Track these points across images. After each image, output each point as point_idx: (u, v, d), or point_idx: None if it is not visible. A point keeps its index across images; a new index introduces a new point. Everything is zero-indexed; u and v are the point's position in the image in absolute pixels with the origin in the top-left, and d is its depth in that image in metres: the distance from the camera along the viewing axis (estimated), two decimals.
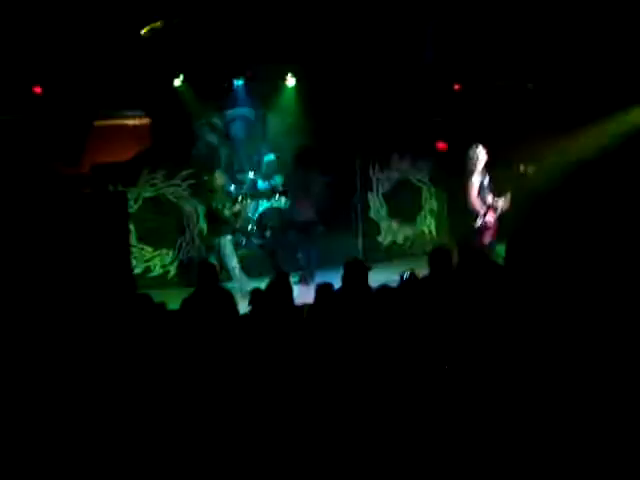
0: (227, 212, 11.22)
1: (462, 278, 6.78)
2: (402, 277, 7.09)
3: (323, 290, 6.52)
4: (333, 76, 12.85)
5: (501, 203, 10.15)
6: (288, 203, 12.78)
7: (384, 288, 6.64)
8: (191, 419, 4.74)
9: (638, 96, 10.80)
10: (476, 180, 10.12)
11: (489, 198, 10.13)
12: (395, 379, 4.90)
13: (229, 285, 10.69)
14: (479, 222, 10.10)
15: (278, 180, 13.28)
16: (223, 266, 10.97)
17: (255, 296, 6.60)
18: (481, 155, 10.14)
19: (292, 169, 12.95)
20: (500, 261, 7.78)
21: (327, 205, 12.89)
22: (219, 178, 11.46)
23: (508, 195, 10.15)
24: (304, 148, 13.24)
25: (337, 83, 13.00)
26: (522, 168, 10.25)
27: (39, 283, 7.73)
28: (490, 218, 10.11)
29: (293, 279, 11.02)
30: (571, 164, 11.13)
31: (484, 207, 10.08)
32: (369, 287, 7.05)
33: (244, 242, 13.08)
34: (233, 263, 11.09)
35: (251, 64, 12.61)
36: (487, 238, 10.15)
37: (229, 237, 11.19)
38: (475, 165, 10.13)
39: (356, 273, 6.98)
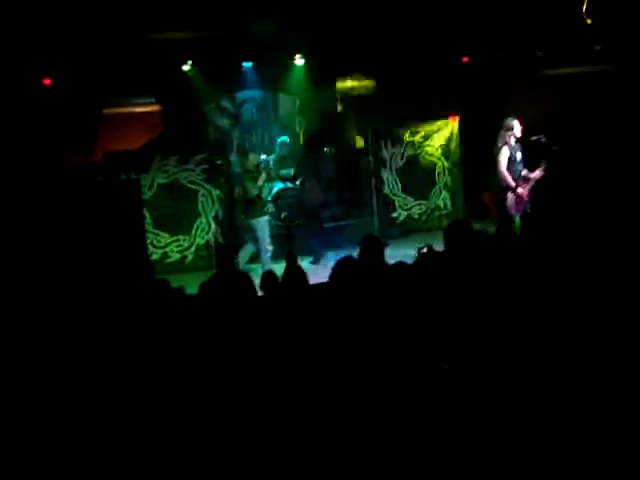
0: (264, 192, 11.16)
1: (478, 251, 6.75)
2: (419, 252, 7.08)
3: (344, 263, 6.49)
4: (342, 51, 12.79)
5: (534, 176, 10.13)
6: (300, 185, 12.74)
7: (400, 264, 6.63)
8: (210, 404, 4.75)
9: None
10: (506, 152, 10.12)
11: (522, 171, 10.13)
12: (411, 356, 4.90)
13: (252, 267, 10.74)
14: (509, 195, 10.12)
15: (290, 162, 13.25)
16: (257, 248, 10.96)
17: (266, 279, 6.62)
18: (515, 127, 10.14)
19: (303, 152, 12.91)
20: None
21: (339, 185, 12.92)
22: (253, 159, 11.36)
23: (542, 166, 10.12)
24: (314, 132, 13.24)
25: (346, 57, 12.95)
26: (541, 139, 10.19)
27: (55, 273, 7.76)
28: (521, 190, 10.11)
29: (306, 261, 11.06)
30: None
31: (514, 180, 10.08)
32: (386, 263, 7.05)
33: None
34: (268, 246, 11.07)
35: (259, 48, 12.54)
36: (518, 211, 10.14)
37: (265, 218, 11.16)
38: (508, 137, 10.13)
39: (372, 250, 6.98)
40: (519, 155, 10.20)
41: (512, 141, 10.15)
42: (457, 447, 4.21)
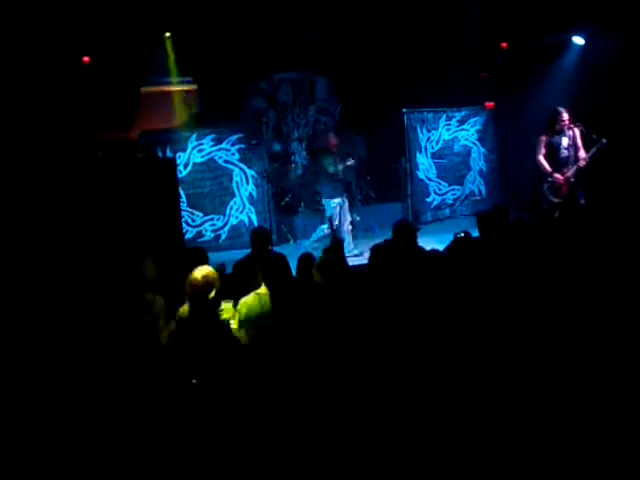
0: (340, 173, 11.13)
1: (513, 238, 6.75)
2: (456, 237, 7.09)
3: (379, 251, 6.51)
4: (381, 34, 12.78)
5: (578, 164, 10.11)
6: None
7: (434, 251, 6.66)
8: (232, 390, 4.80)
9: None
10: (543, 140, 10.16)
11: (565, 158, 10.14)
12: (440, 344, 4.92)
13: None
14: (546, 181, 10.16)
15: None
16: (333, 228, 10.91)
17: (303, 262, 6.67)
18: (561, 116, 10.13)
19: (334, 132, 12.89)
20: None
21: (371, 168, 12.95)
22: (333, 139, 11.32)
23: (584, 155, 10.09)
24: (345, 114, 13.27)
25: (384, 39, 12.92)
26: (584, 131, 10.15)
27: (90, 250, 7.85)
28: (558, 176, 10.10)
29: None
30: None
31: (552, 167, 10.10)
32: (419, 249, 7.08)
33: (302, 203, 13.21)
34: (343, 224, 11.07)
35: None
36: (557, 197, 10.14)
37: (337, 200, 11.11)
38: (552, 125, 10.16)
39: (405, 235, 7.01)
40: (565, 142, 10.16)
41: (556, 128, 10.14)
42: (464, 442, 4.23)
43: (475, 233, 7.21)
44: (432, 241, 9.12)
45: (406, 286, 5.63)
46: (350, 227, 11.15)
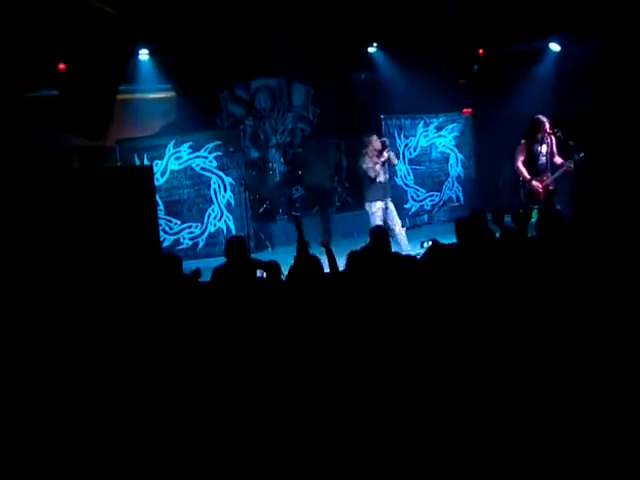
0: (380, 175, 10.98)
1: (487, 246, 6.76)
2: (422, 246, 7.15)
3: (355, 258, 6.50)
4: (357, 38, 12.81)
5: (556, 173, 10.18)
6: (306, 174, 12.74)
7: (409, 258, 6.67)
8: (216, 393, 4.78)
9: None
10: (524, 147, 10.22)
11: (542, 166, 10.19)
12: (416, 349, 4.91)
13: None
14: (524, 187, 10.23)
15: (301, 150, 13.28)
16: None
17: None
18: (544, 126, 10.18)
19: (312, 139, 12.89)
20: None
21: (350, 174, 12.95)
22: (375, 142, 11.15)
23: (560, 161, 10.16)
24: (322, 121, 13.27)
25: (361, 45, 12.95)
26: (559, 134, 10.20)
27: (66, 258, 7.79)
28: (536, 183, 10.16)
29: None
30: None
31: (531, 174, 10.16)
32: (394, 254, 7.09)
33: (270, 209, 13.20)
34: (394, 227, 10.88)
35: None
36: (536, 203, 10.21)
37: (378, 204, 10.86)
38: (533, 133, 10.22)
39: (381, 241, 7.02)
40: (544, 149, 10.22)
41: (537, 136, 10.19)
42: (460, 441, 4.22)
43: (453, 239, 7.22)
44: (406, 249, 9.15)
45: (383, 292, 5.62)
46: (404, 229, 11.08)
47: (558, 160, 10.19)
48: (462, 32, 12.69)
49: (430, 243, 6.95)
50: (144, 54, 12.44)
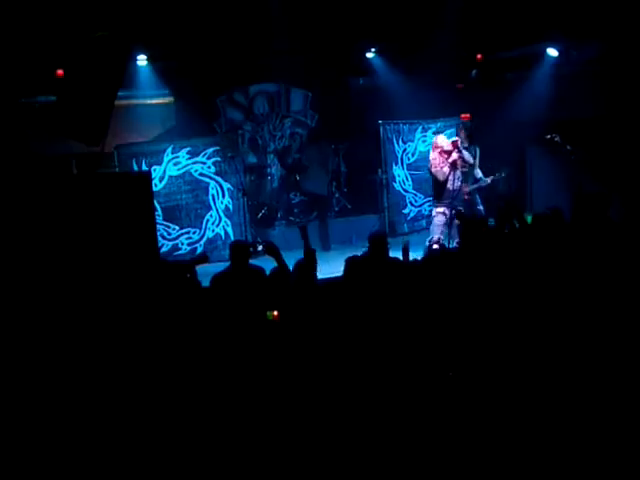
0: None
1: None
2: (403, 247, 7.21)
3: (353, 264, 6.50)
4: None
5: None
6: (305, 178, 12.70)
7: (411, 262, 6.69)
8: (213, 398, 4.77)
9: None
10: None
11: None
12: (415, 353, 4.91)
13: None
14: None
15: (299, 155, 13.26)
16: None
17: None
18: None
19: (310, 145, 12.84)
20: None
21: (348, 180, 12.97)
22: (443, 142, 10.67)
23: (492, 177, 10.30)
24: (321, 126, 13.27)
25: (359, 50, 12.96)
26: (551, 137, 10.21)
27: (64, 264, 7.77)
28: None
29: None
30: None
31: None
32: (394, 258, 7.10)
33: (269, 215, 13.19)
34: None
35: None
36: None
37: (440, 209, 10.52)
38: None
39: (380, 246, 7.02)
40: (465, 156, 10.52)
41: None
42: (460, 443, 4.22)
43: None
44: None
45: (380, 297, 5.62)
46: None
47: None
48: (460, 37, 12.69)
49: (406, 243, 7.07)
50: (142, 59, 12.43)
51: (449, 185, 10.21)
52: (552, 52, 12.98)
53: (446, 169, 10.24)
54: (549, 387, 4.57)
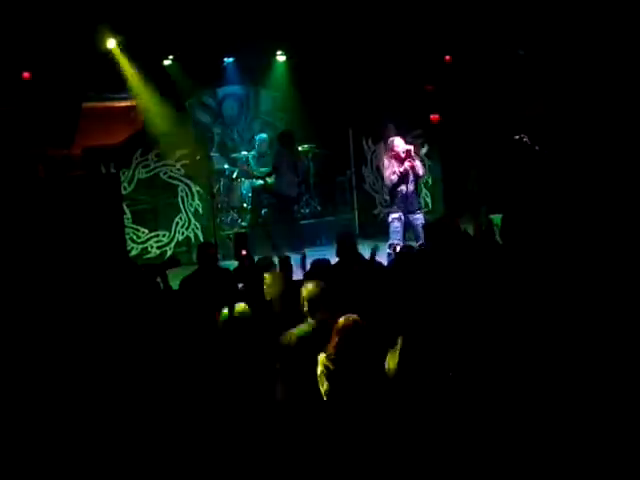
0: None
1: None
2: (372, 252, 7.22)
3: (317, 266, 6.53)
4: (323, 50, 12.79)
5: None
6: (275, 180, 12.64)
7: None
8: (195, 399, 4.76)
9: None
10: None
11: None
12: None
13: None
14: None
15: (269, 158, 13.21)
16: None
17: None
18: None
19: (279, 147, 12.76)
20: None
21: (317, 181, 13.00)
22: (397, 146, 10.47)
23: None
24: (289, 128, 13.23)
25: (327, 56, 12.93)
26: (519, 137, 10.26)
27: (33, 267, 7.73)
28: None
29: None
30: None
31: None
32: (360, 256, 7.12)
33: (239, 221, 13.13)
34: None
35: (241, 42, 12.47)
36: None
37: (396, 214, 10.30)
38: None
39: (346, 244, 7.03)
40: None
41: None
42: (454, 449, 4.22)
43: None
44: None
45: (348, 299, 5.62)
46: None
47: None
48: (428, 38, 12.73)
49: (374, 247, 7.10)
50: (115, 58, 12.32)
51: (401, 189, 10.07)
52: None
53: (394, 177, 10.06)
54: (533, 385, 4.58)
